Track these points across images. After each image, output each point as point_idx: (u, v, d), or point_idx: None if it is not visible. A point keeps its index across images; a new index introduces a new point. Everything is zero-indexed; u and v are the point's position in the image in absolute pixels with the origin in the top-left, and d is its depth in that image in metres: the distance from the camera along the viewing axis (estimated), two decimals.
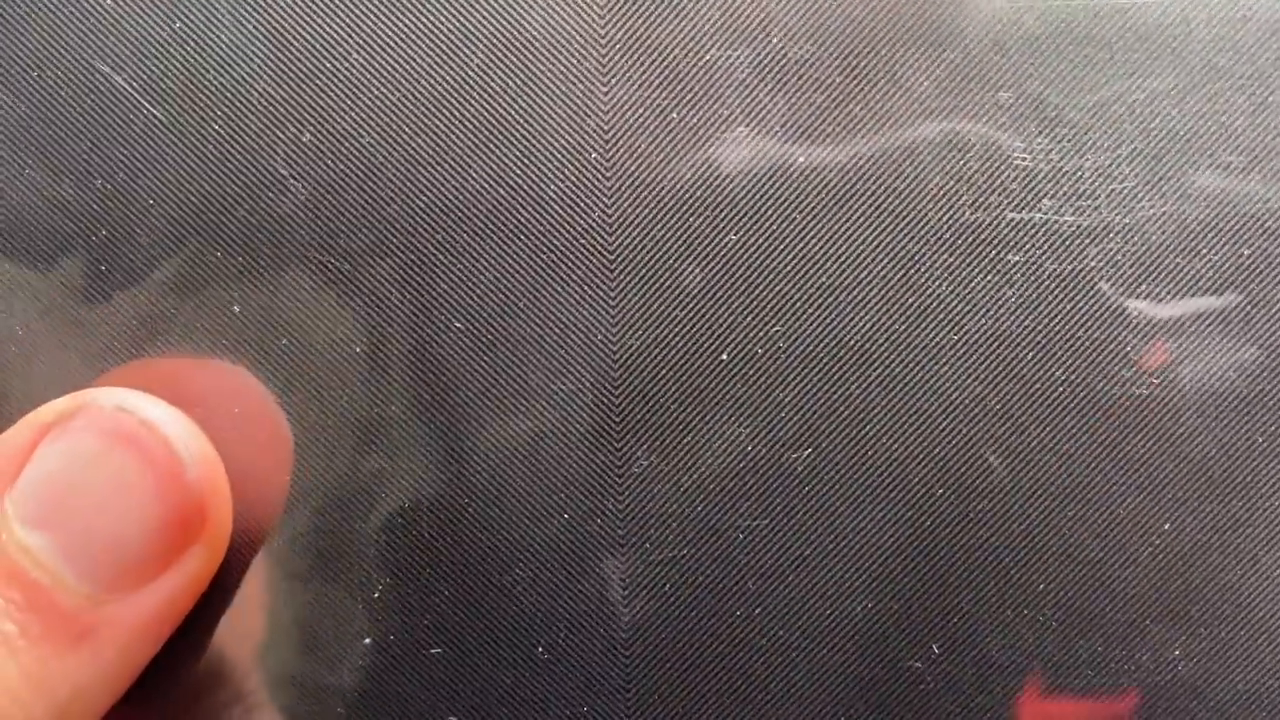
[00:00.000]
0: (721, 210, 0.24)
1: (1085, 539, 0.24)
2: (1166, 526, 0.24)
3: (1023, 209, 0.24)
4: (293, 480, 0.24)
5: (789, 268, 0.24)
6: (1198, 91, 0.23)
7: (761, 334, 0.24)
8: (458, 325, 0.24)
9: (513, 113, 0.24)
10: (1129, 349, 0.24)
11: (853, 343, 0.24)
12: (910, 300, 0.24)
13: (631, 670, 0.24)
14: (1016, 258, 0.24)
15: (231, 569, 0.24)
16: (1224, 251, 0.24)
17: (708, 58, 0.24)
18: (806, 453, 0.24)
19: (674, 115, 0.24)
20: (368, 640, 0.24)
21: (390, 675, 0.24)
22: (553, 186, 0.24)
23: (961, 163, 0.24)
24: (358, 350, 0.24)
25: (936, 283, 0.24)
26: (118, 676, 0.23)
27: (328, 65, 0.24)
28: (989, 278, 0.24)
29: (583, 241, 0.24)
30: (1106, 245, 0.24)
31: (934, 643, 0.24)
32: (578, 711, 0.24)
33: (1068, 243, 0.24)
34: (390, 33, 0.24)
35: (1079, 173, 0.24)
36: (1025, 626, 0.24)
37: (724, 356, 0.24)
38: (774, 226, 0.24)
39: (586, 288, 0.24)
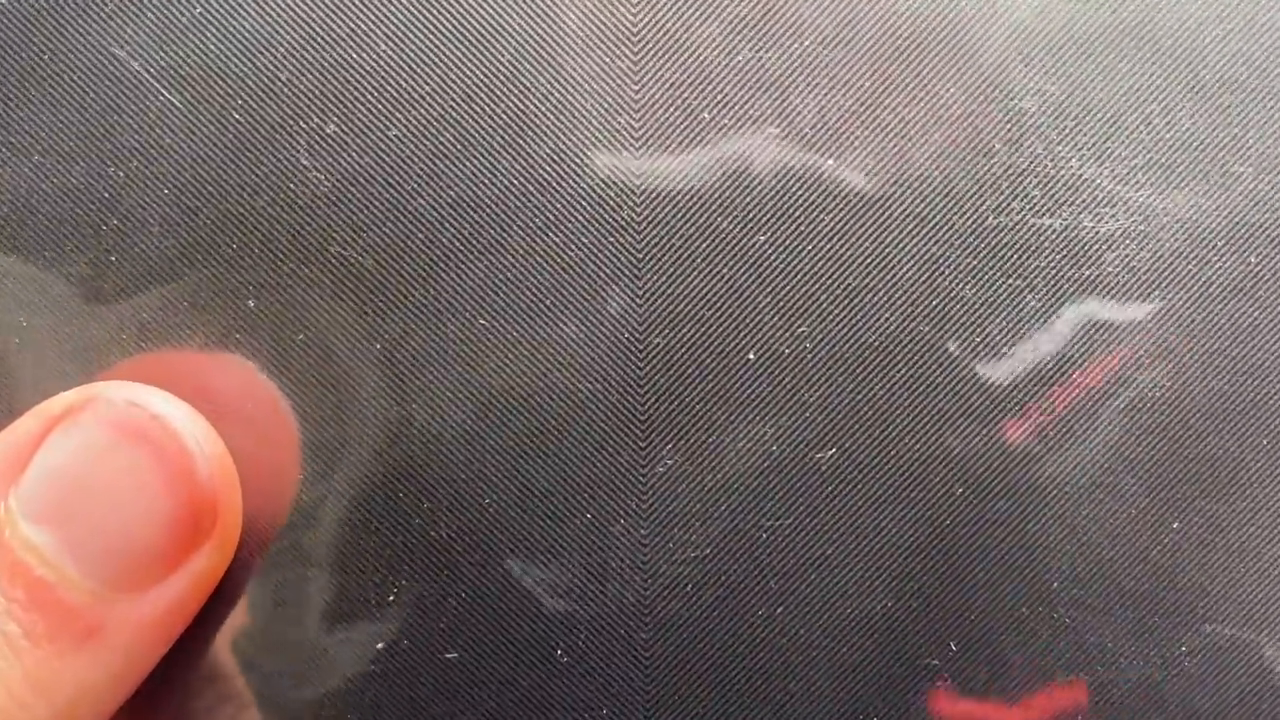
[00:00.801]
0: (750, 211, 0.24)
1: (1098, 539, 0.24)
2: (1175, 525, 0.25)
3: (1044, 215, 0.24)
4: (305, 480, 0.24)
5: (816, 269, 0.24)
6: (1211, 103, 0.24)
7: (788, 334, 0.24)
8: (482, 323, 0.24)
9: (542, 109, 0.24)
10: (1142, 352, 0.24)
11: (877, 344, 0.24)
12: (934, 303, 0.24)
13: (652, 672, 0.24)
14: (1038, 262, 0.24)
15: (240, 570, 0.24)
16: (1233, 259, 0.24)
17: (739, 59, 0.24)
18: (831, 452, 0.24)
19: (705, 115, 0.24)
20: (381, 645, 0.24)
21: (405, 680, 0.24)
22: (581, 184, 0.24)
23: (986, 169, 0.24)
24: (377, 348, 0.24)
25: (960, 286, 0.24)
26: (125, 678, 0.22)
27: (354, 55, 0.23)
28: (1011, 281, 0.24)
29: (610, 240, 0.24)
30: (1123, 251, 0.24)
31: (951, 640, 0.24)
32: (597, 715, 0.24)
33: (1087, 248, 0.24)
34: (420, 24, 0.23)
35: (1098, 180, 0.24)
36: (1040, 624, 0.24)
37: (750, 356, 0.24)
38: (802, 228, 0.24)
39: (613, 286, 0.24)
